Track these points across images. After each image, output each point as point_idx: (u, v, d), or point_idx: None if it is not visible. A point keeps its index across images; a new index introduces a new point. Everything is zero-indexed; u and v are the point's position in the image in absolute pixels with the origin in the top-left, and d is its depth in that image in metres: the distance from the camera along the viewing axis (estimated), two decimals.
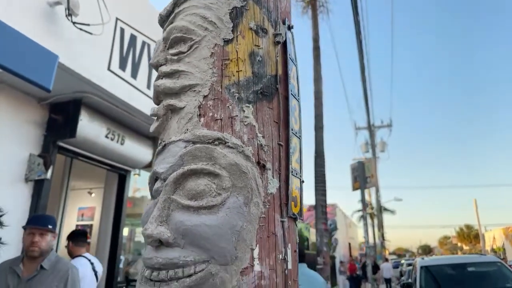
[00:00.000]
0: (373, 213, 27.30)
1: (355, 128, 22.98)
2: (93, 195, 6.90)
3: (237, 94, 0.69)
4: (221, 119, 0.67)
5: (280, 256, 0.63)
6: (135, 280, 4.49)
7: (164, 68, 0.74)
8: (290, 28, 0.83)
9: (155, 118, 0.74)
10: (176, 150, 0.66)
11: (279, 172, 0.69)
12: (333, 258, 18.59)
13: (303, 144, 0.78)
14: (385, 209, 30.30)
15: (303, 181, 0.75)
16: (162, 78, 0.74)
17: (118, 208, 4.57)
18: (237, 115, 0.67)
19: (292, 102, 0.76)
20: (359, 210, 30.85)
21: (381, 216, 28.63)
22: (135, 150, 4.36)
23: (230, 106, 0.68)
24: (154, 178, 0.69)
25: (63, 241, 6.98)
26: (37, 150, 3.53)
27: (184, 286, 0.56)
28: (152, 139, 4.75)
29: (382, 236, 28.53)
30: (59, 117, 3.56)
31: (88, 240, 7.90)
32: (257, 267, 0.59)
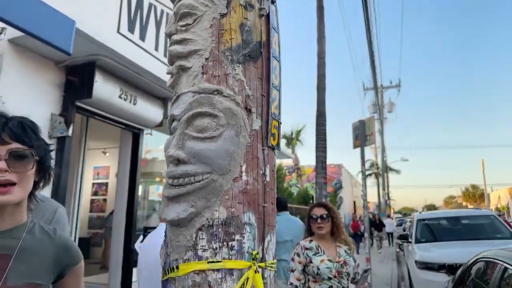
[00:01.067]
0: (378, 172, 27.74)
1: (363, 89, 22.83)
2: (107, 154, 7.32)
3: (230, 56, 0.93)
4: (218, 76, 0.92)
5: (261, 172, 0.91)
6: (151, 228, 4.93)
7: (175, 37, 0.98)
8: (273, 1, 1.05)
9: (170, 75, 0.99)
10: (186, 99, 0.92)
11: (261, 115, 0.94)
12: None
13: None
14: (391, 169, 30.78)
15: (280, 123, 1.01)
16: (174, 45, 0.98)
17: (134, 164, 4.94)
18: (230, 73, 0.92)
19: (273, 63, 1.00)
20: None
21: (387, 176, 29.14)
22: (147, 110, 4.63)
23: (225, 66, 0.93)
24: (172, 119, 0.96)
25: (85, 199, 7.51)
26: (57, 109, 3.83)
27: (195, 187, 0.84)
28: (162, 100, 5.00)
29: (387, 195, 29.24)
30: (76, 78, 3.82)
31: (104, 197, 8.42)
32: (244, 177, 0.87)
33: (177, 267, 0.83)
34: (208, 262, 0.81)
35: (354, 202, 29.36)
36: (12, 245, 0.98)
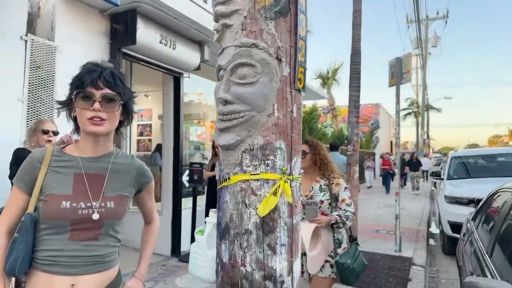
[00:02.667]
0: (418, 111, 26.77)
1: (406, 21, 21.21)
2: (149, 97, 7.78)
3: (264, 14, 1.14)
4: (255, 31, 1.14)
5: (289, 109, 1.16)
6: (195, 163, 5.45)
7: None
8: None
9: (216, 31, 1.22)
10: (230, 52, 1.16)
11: (290, 63, 1.17)
12: (373, 154, 19.39)
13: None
14: (431, 107, 29.53)
15: (306, 69, 1.23)
16: (218, 5, 1.19)
17: (176, 106, 5.33)
18: (264, 28, 1.14)
19: (300, 17, 1.19)
20: (404, 109, 30.42)
21: (427, 114, 28.09)
22: (185, 54, 4.87)
23: (260, 23, 1.14)
24: (219, 69, 1.21)
25: (132, 140, 8.15)
26: (106, 56, 4.17)
27: (239, 122, 1.12)
28: (199, 43, 5.19)
29: (427, 134, 28.48)
30: (120, 26, 4.08)
31: (149, 137, 9.05)
32: (276, 113, 1.13)
33: (229, 178, 1.14)
34: (250, 174, 1.11)
35: (391, 142, 29.00)
36: (105, 167, 1.34)
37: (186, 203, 5.43)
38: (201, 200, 5.42)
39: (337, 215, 2.43)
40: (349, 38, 5.10)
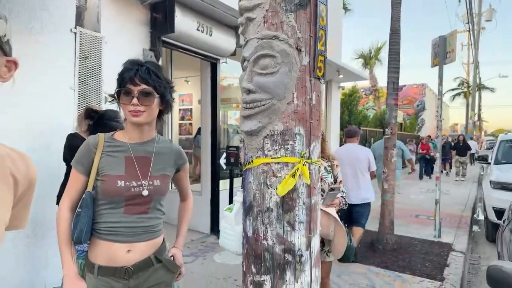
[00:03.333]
0: (468, 91, 25.05)
1: None
2: (189, 83, 8.04)
3: (284, 7, 1.21)
4: (275, 24, 1.21)
5: (308, 97, 1.23)
6: (232, 146, 5.63)
7: None
8: None
9: (240, 24, 1.31)
10: (253, 44, 1.25)
11: (309, 53, 1.23)
12: (417, 137, 18.60)
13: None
14: (484, 87, 27.45)
15: (326, 57, 1.28)
16: (242, 0, 1.27)
17: (214, 92, 5.51)
18: (284, 20, 1.21)
19: (320, 7, 1.24)
20: (453, 89, 28.54)
21: (479, 95, 26.20)
22: (221, 40, 4.98)
23: (280, 15, 1.21)
24: (243, 60, 1.30)
25: (174, 124, 8.48)
26: (147, 45, 4.40)
27: (261, 109, 1.21)
28: (234, 29, 5.27)
29: (478, 116, 26.67)
30: (159, 15, 4.27)
31: (190, 121, 9.33)
32: (295, 101, 1.21)
33: (252, 161, 1.25)
34: (271, 158, 1.21)
35: None
36: (150, 151, 1.52)
37: (224, 185, 5.66)
38: (238, 182, 5.62)
39: (341, 197, 2.50)
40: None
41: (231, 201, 5.37)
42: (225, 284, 3.59)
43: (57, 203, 2.51)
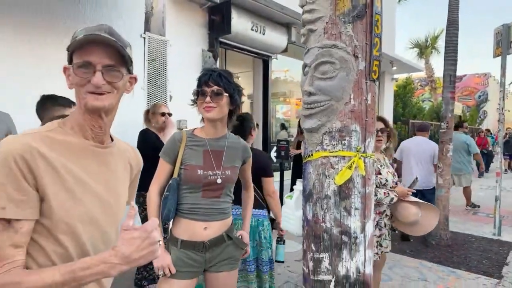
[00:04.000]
0: None
1: None
2: (239, 79, 8.35)
3: (343, 19, 1.37)
4: (334, 34, 1.38)
5: (364, 98, 1.39)
6: (282, 140, 5.83)
7: (305, 8, 1.45)
8: None
9: (302, 35, 1.50)
10: (314, 52, 1.43)
11: (365, 58, 1.38)
12: (476, 131, 17.39)
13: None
14: None
15: (380, 61, 1.42)
16: (305, 13, 1.46)
17: (265, 87, 5.74)
18: (343, 31, 1.37)
19: (375, 17, 1.39)
20: None
21: None
22: (274, 38, 5.18)
23: (339, 26, 1.37)
24: (305, 66, 1.49)
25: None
26: (206, 46, 4.72)
27: (321, 109, 1.39)
28: (286, 26, 5.43)
29: None
30: (216, 17, 4.56)
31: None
32: (352, 101, 1.37)
33: (312, 154, 1.44)
34: (329, 152, 1.39)
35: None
36: (223, 145, 1.78)
37: (275, 177, 5.88)
38: (287, 174, 5.82)
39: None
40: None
41: (281, 193, 5.59)
42: (279, 269, 3.83)
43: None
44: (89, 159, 0.96)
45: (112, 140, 1.06)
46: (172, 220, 1.79)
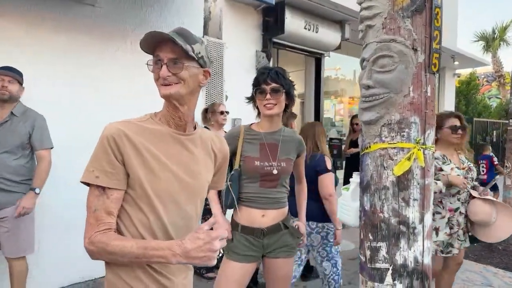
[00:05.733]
0: None
1: None
2: (290, 77, 8.42)
3: (401, 14, 1.40)
4: (393, 29, 1.41)
5: (424, 90, 1.40)
6: (334, 138, 5.80)
7: (363, 5, 1.50)
8: None
9: (360, 31, 1.55)
10: (372, 46, 1.47)
11: (425, 51, 1.40)
12: None
13: None
14: None
15: (440, 54, 1.43)
16: (362, 10, 1.51)
17: (317, 85, 5.75)
18: (401, 25, 1.40)
19: (435, 11, 1.40)
20: None
21: None
22: (327, 36, 5.18)
23: (398, 21, 1.41)
24: (363, 60, 1.54)
25: None
26: (259, 47, 4.87)
27: (379, 102, 1.43)
28: (339, 23, 5.40)
29: None
30: (270, 18, 4.69)
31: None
32: (411, 94, 1.40)
33: (370, 146, 1.49)
34: (388, 143, 1.43)
35: None
36: (277, 139, 1.89)
37: None
38: (339, 174, 5.77)
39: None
40: None
41: None
42: None
43: None
44: (170, 144, 1.12)
45: (195, 129, 1.22)
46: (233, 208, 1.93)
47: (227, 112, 3.76)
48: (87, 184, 1.04)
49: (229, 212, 1.97)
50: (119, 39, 3.63)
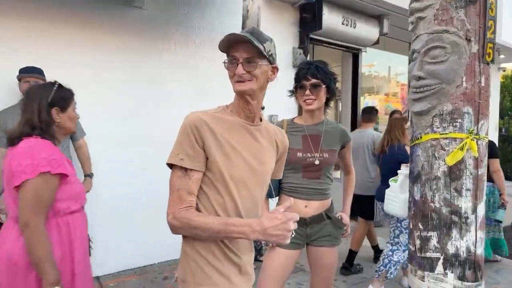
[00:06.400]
0: None
1: None
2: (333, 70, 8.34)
3: (454, 5, 1.41)
4: (445, 20, 1.42)
5: (477, 80, 1.40)
6: None
7: None
8: None
9: (411, 23, 1.56)
10: (423, 38, 1.49)
11: (478, 41, 1.40)
12: None
13: None
14: None
15: (495, 43, 1.42)
16: (413, 3, 1.53)
17: (354, 80, 5.69)
18: (454, 16, 1.41)
19: (489, 0, 1.39)
20: None
21: None
22: (365, 31, 5.12)
23: (450, 12, 1.41)
24: (413, 52, 1.55)
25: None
26: (296, 43, 4.90)
27: (431, 93, 1.45)
28: (378, 18, 5.31)
29: None
30: (308, 15, 4.70)
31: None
32: (464, 84, 1.40)
33: (421, 137, 1.50)
34: (440, 134, 1.44)
35: None
36: (320, 130, 1.93)
37: None
38: None
39: None
40: None
41: None
42: (370, 263, 3.83)
43: None
44: (241, 132, 1.21)
45: (261, 121, 1.32)
46: (278, 198, 2.00)
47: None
48: (171, 167, 1.17)
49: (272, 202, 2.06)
50: (163, 39, 3.80)
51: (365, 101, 8.31)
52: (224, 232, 1.07)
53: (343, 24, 4.79)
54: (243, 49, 1.18)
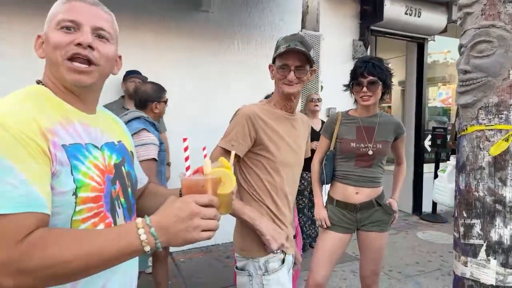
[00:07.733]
0: None
1: None
2: (389, 64, 8.06)
3: None
4: (493, 14, 1.46)
5: None
6: (439, 128, 5.47)
7: None
8: None
9: (459, 18, 1.61)
10: (470, 33, 1.54)
11: None
12: None
13: None
14: None
15: None
16: None
17: (419, 71, 5.49)
18: (502, 11, 1.44)
19: None
20: None
21: None
22: (431, 19, 4.92)
23: (498, 7, 1.45)
24: (460, 47, 1.61)
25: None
26: (356, 36, 4.90)
27: (476, 86, 1.50)
28: (446, 4, 5.06)
29: None
30: (368, 7, 4.68)
31: (389, 104, 9.32)
32: (510, 77, 1.43)
33: (466, 129, 1.56)
34: (485, 125, 1.49)
35: None
36: (374, 122, 2.06)
37: (428, 168, 5.61)
38: (443, 166, 5.44)
39: None
40: None
41: None
42: (430, 257, 3.78)
43: None
44: (284, 122, 1.44)
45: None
46: (330, 184, 2.17)
47: (319, 100, 3.96)
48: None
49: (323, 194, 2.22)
50: (227, 40, 4.12)
51: (438, 92, 7.86)
52: (244, 215, 1.36)
53: (406, 13, 4.67)
54: (295, 58, 1.39)
